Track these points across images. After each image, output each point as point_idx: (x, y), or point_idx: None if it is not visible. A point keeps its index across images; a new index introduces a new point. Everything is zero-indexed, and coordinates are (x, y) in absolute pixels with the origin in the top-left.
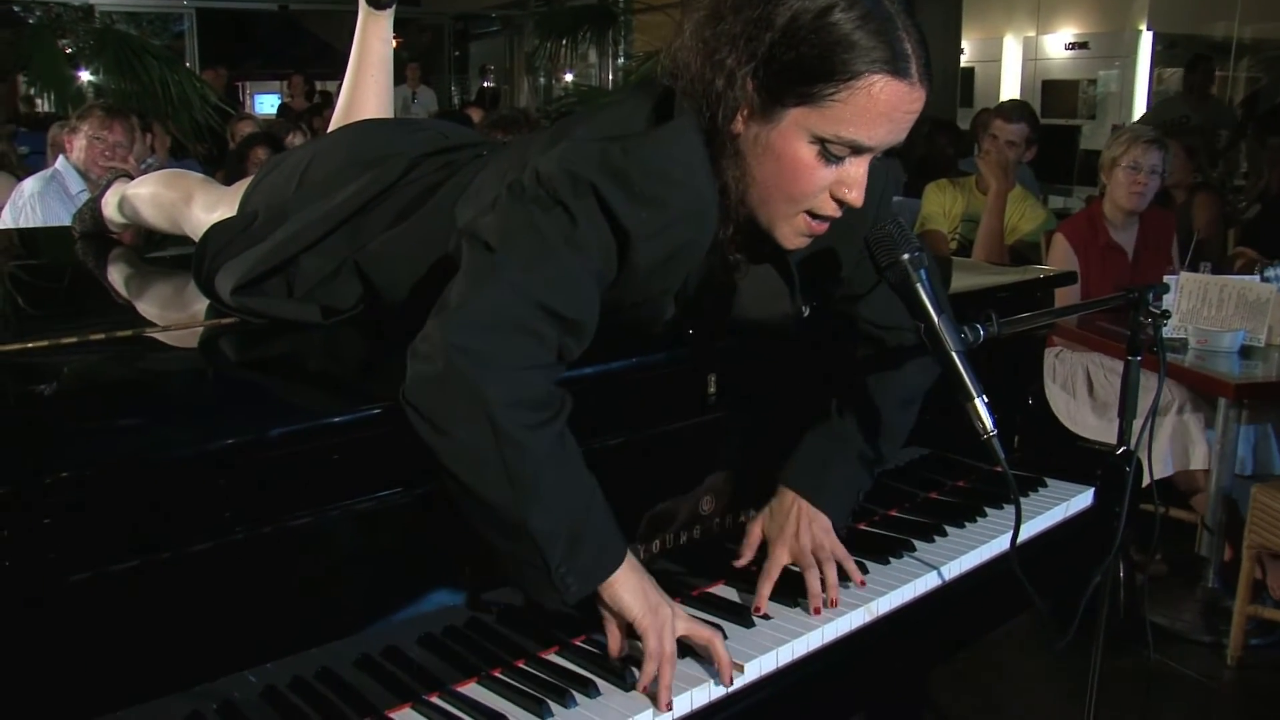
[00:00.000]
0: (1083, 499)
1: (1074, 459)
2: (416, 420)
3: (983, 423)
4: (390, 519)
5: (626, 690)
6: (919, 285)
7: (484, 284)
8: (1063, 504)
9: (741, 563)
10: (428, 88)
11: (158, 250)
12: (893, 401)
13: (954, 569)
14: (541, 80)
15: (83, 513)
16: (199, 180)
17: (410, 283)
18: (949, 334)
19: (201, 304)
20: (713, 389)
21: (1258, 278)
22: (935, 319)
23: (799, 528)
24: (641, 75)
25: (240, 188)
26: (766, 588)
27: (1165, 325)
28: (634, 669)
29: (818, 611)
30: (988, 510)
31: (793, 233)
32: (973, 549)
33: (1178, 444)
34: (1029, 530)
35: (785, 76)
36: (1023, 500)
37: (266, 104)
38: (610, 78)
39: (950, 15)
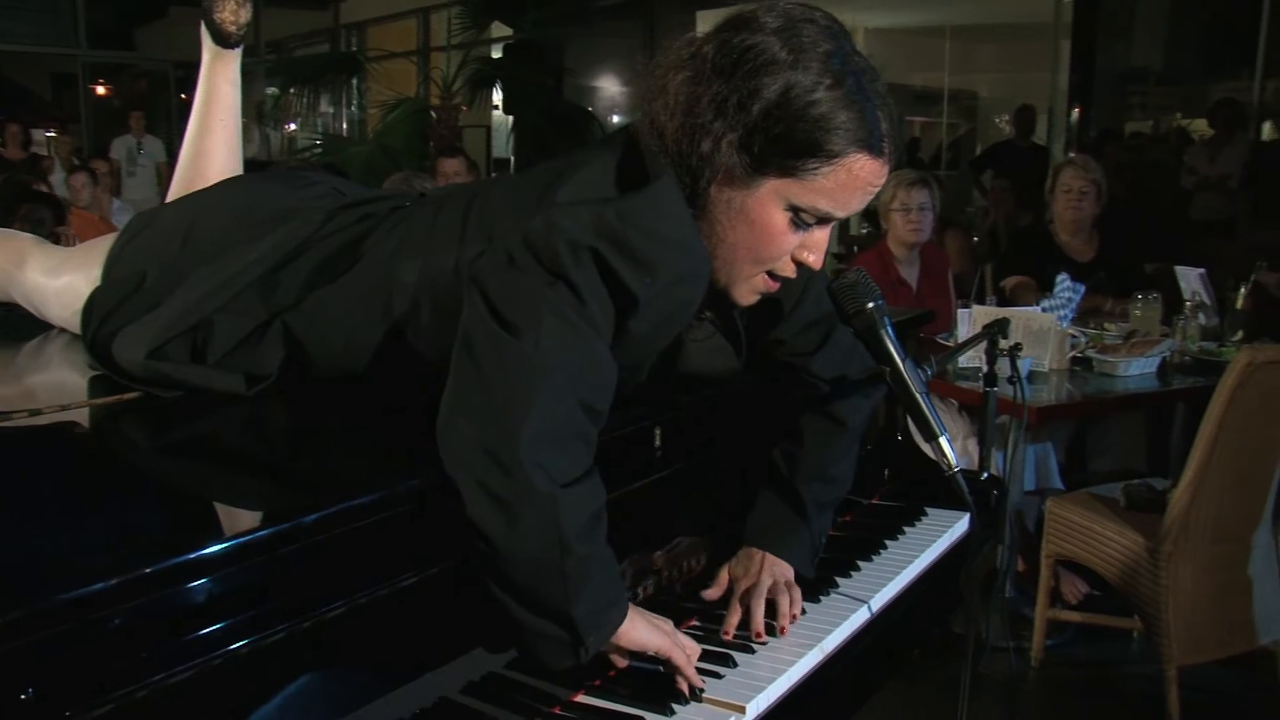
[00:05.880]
0: (962, 524)
1: (940, 486)
2: (480, 532)
3: (947, 459)
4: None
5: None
6: (883, 332)
7: (530, 385)
8: (948, 531)
9: (710, 595)
10: (154, 137)
11: None
12: (841, 443)
13: (879, 600)
14: (270, 130)
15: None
16: (32, 242)
17: (346, 340)
18: (912, 377)
19: (37, 376)
20: (659, 443)
21: (1038, 309)
22: (900, 364)
23: (764, 571)
24: (386, 125)
25: (91, 250)
26: (734, 618)
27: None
28: (673, 704)
29: (784, 631)
30: (887, 543)
31: (749, 291)
32: (891, 579)
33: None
34: (927, 559)
35: (771, 149)
36: (912, 530)
37: None
38: (345, 127)
39: None
